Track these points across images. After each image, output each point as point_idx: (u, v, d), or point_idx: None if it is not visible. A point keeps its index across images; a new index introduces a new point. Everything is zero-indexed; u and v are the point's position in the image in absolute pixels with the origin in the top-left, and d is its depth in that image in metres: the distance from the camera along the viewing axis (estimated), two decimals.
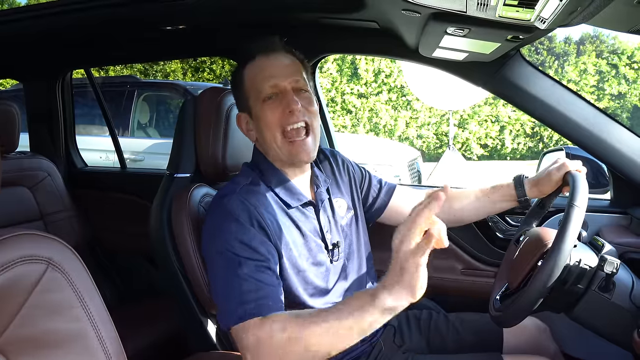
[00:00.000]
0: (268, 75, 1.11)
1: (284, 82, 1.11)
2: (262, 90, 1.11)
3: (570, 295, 1.03)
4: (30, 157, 2.08)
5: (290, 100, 1.09)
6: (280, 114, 1.10)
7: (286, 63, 1.14)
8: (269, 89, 1.10)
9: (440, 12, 1.01)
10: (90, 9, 1.44)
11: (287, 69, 1.13)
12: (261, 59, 1.13)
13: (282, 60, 1.14)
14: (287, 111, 1.09)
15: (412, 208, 0.76)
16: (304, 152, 1.11)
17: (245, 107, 1.16)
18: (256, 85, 1.12)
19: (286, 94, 1.10)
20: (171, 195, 1.36)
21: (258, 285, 0.96)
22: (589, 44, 10.50)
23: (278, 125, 1.10)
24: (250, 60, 1.14)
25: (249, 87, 1.14)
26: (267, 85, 1.10)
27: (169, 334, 1.77)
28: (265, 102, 1.11)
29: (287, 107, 1.09)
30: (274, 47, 1.14)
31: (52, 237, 0.66)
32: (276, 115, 1.10)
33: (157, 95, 5.21)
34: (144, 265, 2.19)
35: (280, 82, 1.10)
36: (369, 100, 10.28)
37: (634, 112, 10.51)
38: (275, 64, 1.12)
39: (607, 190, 1.53)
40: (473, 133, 10.30)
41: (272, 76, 1.11)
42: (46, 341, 0.62)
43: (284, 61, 1.14)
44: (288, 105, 1.09)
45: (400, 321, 1.35)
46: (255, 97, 1.13)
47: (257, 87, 1.12)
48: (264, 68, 1.12)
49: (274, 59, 1.13)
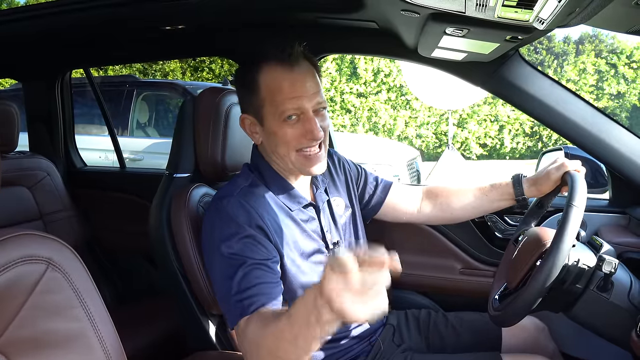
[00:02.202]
0: (291, 94, 1.06)
1: (307, 103, 1.07)
2: (285, 110, 1.06)
3: (568, 295, 1.04)
4: (29, 156, 2.08)
5: (314, 128, 1.07)
6: (300, 136, 1.08)
7: (308, 76, 1.09)
8: (292, 110, 1.06)
9: (439, 13, 1.01)
10: (90, 9, 1.44)
11: (310, 86, 1.08)
12: (280, 69, 1.07)
13: (303, 73, 1.09)
14: (309, 137, 1.07)
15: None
16: (317, 166, 1.11)
17: (256, 115, 1.12)
18: (276, 100, 1.07)
19: (309, 118, 1.07)
20: (170, 195, 1.36)
21: (255, 285, 0.96)
22: (588, 44, 10.51)
23: (296, 144, 1.09)
24: (267, 65, 1.08)
25: (266, 97, 1.08)
26: (291, 106, 1.06)
27: (168, 334, 1.78)
28: (286, 122, 1.07)
29: (309, 134, 1.07)
30: (296, 57, 1.08)
31: (52, 237, 0.66)
32: (296, 136, 1.08)
33: (156, 95, 5.21)
34: (143, 265, 2.19)
35: (304, 103, 1.06)
36: (368, 99, 10.27)
37: (633, 112, 10.51)
38: (297, 79, 1.07)
39: (605, 190, 1.53)
40: (472, 132, 10.30)
41: (296, 97, 1.06)
42: (46, 341, 0.63)
43: (305, 73, 1.09)
44: (311, 132, 1.07)
45: (400, 320, 1.36)
46: (273, 111, 1.08)
47: (277, 103, 1.07)
48: (284, 84, 1.06)
49: (296, 72, 1.07)
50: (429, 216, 1.42)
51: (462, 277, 1.68)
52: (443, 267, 1.69)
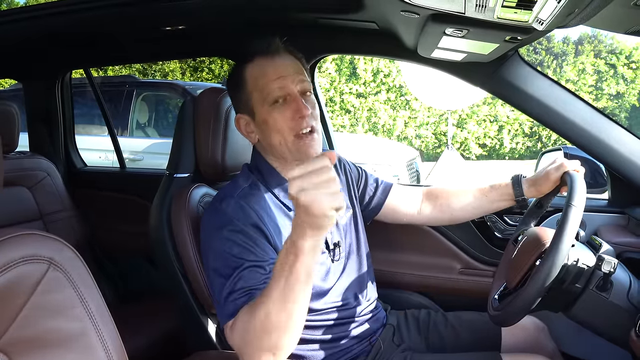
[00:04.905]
0: (274, 76, 1.08)
1: (291, 83, 1.09)
2: (270, 93, 1.08)
3: (568, 295, 1.04)
4: (29, 157, 2.08)
5: (301, 106, 1.07)
6: (290, 119, 1.08)
7: (291, 63, 1.12)
8: (277, 91, 1.08)
9: (439, 13, 1.01)
10: (90, 9, 1.44)
11: (292, 68, 1.11)
12: (263, 60, 1.11)
13: (285, 59, 1.12)
14: (298, 117, 1.07)
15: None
16: (312, 148, 1.10)
17: (246, 110, 1.14)
18: (261, 87, 1.09)
19: (295, 98, 1.08)
20: (171, 195, 1.36)
21: (251, 286, 0.96)
22: (587, 44, 10.51)
23: (288, 129, 1.08)
24: (251, 61, 1.12)
25: (252, 89, 1.11)
26: (275, 86, 1.08)
27: (168, 333, 1.78)
28: (273, 106, 1.09)
29: (298, 113, 1.07)
30: (276, 48, 1.11)
31: (53, 237, 0.67)
32: (286, 119, 1.08)
33: (155, 95, 5.21)
34: (143, 265, 2.19)
35: (288, 83, 1.08)
36: (368, 100, 10.28)
37: (632, 112, 10.52)
38: (279, 64, 1.10)
39: (604, 190, 1.54)
40: (471, 133, 10.30)
41: (280, 77, 1.08)
42: (48, 340, 0.63)
43: (288, 60, 1.12)
44: (299, 111, 1.07)
45: (399, 320, 1.36)
46: (260, 99, 1.10)
47: (262, 89, 1.09)
48: (268, 69, 1.09)
49: (277, 59, 1.11)
50: (429, 217, 1.42)
51: (462, 277, 1.68)
52: (443, 267, 1.70)
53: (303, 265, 0.81)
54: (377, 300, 1.33)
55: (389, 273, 1.71)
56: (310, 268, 0.82)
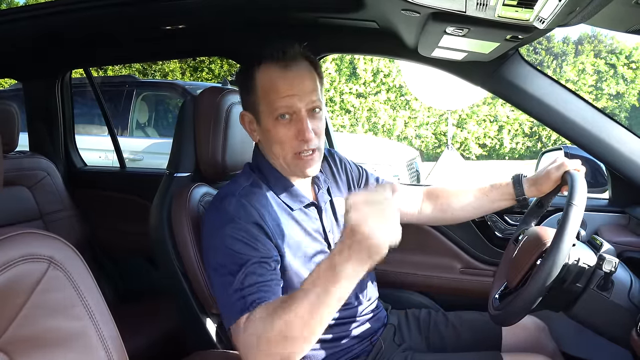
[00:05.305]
0: (284, 92, 1.06)
1: (300, 102, 1.06)
2: (277, 109, 1.07)
3: (569, 294, 1.04)
4: (29, 156, 2.08)
5: (305, 129, 1.06)
6: (292, 138, 1.08)
7: (303, 76, 1.09)
8: (285, 109, 1.07)
9: (440, 12, 1.01)
10: (90, 9, 1.44)
11: (305, 86, 1.08)
12: (276, 70, 1.07)
13: (300, 72, 1.08)
14: (300, 138, 1.07)
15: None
16: (310, 169, 1.11)
17: (253, 111, 1.13)
18: (270, 99, 1.07)
19: (301, 118, 1.07)
20: (171, 194, 1.36)
21: (257, 282, 0.96)
22: (587, 44, 10.52)
23: (289, 146, 1.09)
24: (264, 66, 1.09)
25: (261, 96, 1.09)
26: (283, 104, 1.06)
27: (169, 333, 1.78)
28: (278, 120, 1.08)
29: (301, 135, 1.07)
30: (294, 55, 1.08)
31: (53, 236, 0.66)
32: (288, 137, 1.08)
33: (155, 95, 5.21)
34: (143, 265, 2.19)
35: (296, 103, 1.06)
36: (368, 99, 10.28)
37: (632, 112, 10.53)
38: (292, 77, 1.07)
39: (605, 190, 1.54)
40: (471, 133, 10.31)
41: (289, 95, 1.06)
42: (48, 340, 0.63)
43: (302, 73, 1.09)
44: (302, 133, 1.07)
45: (400, 320, 1.36)
46: (267, 110, 1.09)
47: (270, 101, 1.07)
48: (279, 83, 1.06)
49: (292, 70, 1.07)
50: (429, 217, 1.42)
51: (463, 277, 1.68)
52: (443, 267, 1.70)
53: (340, 289, 0.78)
54: (377, 299, 1.33)
55: (389, 273, 1.71)
56: (346, 294, 0.79)
